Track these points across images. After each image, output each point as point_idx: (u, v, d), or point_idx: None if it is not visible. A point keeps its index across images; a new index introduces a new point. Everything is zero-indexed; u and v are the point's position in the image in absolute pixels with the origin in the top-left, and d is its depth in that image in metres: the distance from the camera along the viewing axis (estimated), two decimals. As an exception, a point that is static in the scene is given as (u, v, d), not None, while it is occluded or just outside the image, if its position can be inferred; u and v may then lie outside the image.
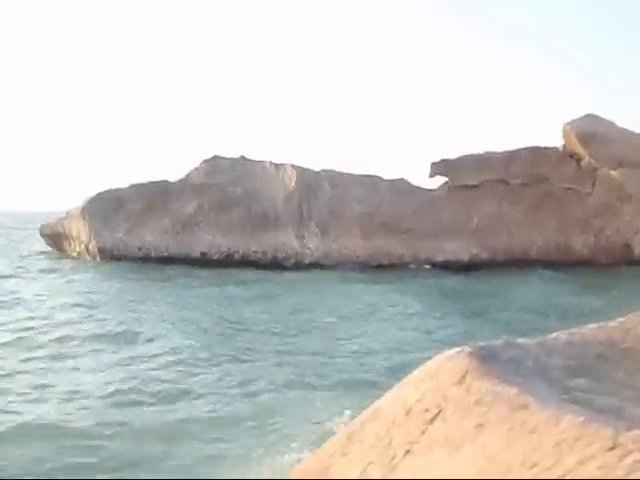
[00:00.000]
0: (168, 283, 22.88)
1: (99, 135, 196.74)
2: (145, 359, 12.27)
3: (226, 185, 29.86)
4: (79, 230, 30.72)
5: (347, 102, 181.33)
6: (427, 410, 1.31)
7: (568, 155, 29.03)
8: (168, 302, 19.05)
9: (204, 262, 27.91)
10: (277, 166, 30.61)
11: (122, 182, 31.48)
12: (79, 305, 18.34)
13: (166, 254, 28.88)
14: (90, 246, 30.17)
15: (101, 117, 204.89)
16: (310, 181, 29.88)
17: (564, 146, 29.36)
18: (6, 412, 9.07)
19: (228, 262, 27.84)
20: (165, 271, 25.40)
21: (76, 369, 11.57)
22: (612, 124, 29.48)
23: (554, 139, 29.79)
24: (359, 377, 10.72)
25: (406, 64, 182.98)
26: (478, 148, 35.36)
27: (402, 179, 30.43)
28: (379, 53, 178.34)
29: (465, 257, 27.94)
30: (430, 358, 1.47)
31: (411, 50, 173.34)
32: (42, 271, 26.80)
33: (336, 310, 17.67)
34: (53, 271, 26.68)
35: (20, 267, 28.17)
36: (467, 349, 1.37)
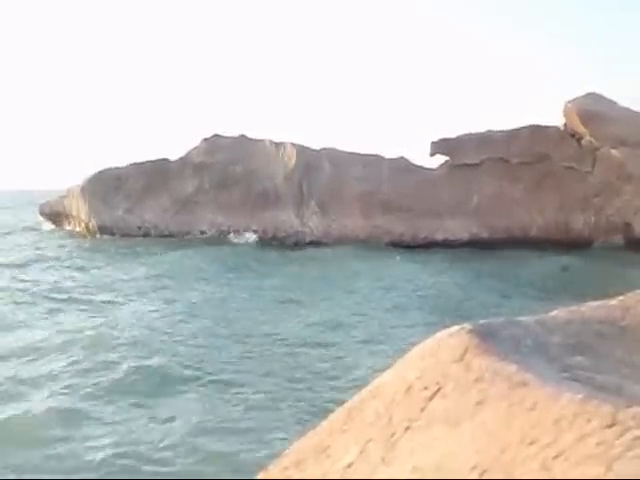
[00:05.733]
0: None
1: (98, 113, 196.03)
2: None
3: (226, 164, 29.79)
4: (79, 209, 30.73)
5: (348, 80, 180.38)
6: (427, 387, 1.32)
7: (569, 134, 28.90)
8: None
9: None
10: (277, 145, 30.50)
11: (122, 161, 31.47)
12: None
13: (166, 232, 28.92)
14: (90, 225, 30.20)
15: (101, 95, 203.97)
16: (310, 160, 29.78)
17: (565, 125, 29.21)
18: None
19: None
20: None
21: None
22: (614, 103, 29.32)
23: (555, 118, 29.64)
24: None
25: (407, 42, 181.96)
26: (479, 127, 35.25)
27: (402, 158, 30.33)
28: (380, 30, 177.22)
29: (465, 236, 27.93)
30: (429, 336, 1.48)
31: (412, 28, 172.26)
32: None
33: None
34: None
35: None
36: (467, 327, 1.37)
